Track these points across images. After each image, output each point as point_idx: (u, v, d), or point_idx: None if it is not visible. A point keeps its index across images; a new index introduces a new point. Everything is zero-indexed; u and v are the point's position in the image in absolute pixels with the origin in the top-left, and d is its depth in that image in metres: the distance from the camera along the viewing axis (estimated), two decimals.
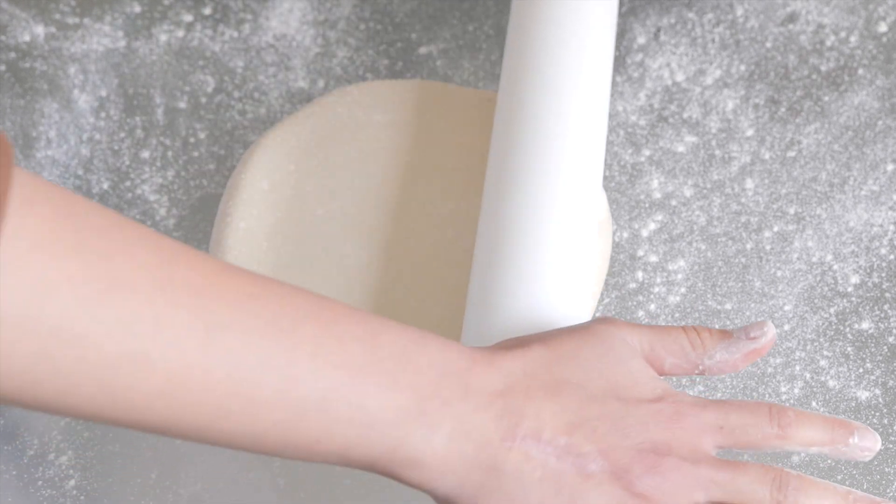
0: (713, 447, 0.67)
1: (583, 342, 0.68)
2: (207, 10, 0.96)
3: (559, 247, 0.75)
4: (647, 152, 0.88)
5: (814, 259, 0.84)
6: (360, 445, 0.63)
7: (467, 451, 0.64)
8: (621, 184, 0.87)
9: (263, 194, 0.86)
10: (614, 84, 0.91)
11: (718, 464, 0.66)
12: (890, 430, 0.78)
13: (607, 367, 0.68)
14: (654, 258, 0.85)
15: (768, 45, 0.92)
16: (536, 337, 0.69)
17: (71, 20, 0.95)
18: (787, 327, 0.82)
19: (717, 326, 0.82)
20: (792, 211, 0.86)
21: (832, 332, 0.82)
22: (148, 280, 0.59)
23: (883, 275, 0.83)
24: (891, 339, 0.81)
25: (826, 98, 0.90)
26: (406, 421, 0.63)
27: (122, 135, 0.91)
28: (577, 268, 0.76)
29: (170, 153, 0.91)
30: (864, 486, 0.77)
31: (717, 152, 0.88)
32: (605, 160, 0.88)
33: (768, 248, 0.85)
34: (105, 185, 0.89)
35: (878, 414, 0.79)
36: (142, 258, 0.59)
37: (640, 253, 0.85)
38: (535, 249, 0.75)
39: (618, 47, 0.92)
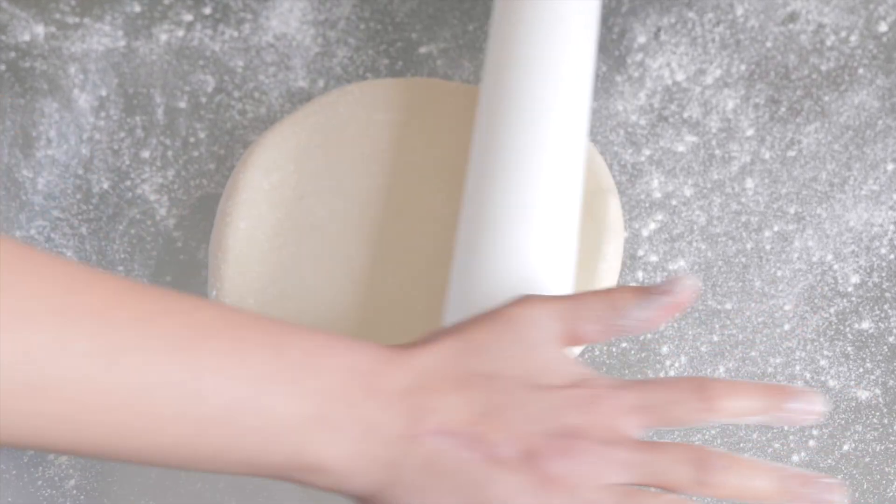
0: (637, 428, 0.66)
1: (495, 331, 0.68)
2: (207, 10, 0.96)
3: (540, 226, 0.75)
4: (647, 152, 0.88)
5: (814, 259, 0.84)
6: (266, 454, 0.64)
7: (374, 451, 0.64)
8: (621, 183, 0.87)
9: (263, 194, 0.86)
10: (614, 84, 0.91)
11: (637, 445, 0.66)
12: (890, 430, 0.79)
13: (520, 354, 0.67)
14: (654, 258, 0.85)
15: (768, 44, 0.92)
16: (450, 329, 0.69)
17: (71, 20, 0.95)
18: (787, 327, 0.82)
19: (717, 327, 0.82)
20: (792, 210, 0.86)
21: (832, 332, 0.82)
22: (47, 309, 0.61)
23: (883, 274, 0.83)
24: (891, 339, 0.81)
25: (826, 98, 0.90)
26: (310, 427, 0.64)
27: (123, 134, 0.91)
28: (558, 247, 0.75)
29: (170, 153, 0.91)
30: (865, 486, 0.77)
31: (718, 152, 0.88)
32: (605, 160, 0.88)
33: (768, 247, 0.85)
34: (105, 185, 0.89)
35: (878, 414, 0.79)
36: (42, 288, 0.61)
37: (641, 253, 0.85)
38: (516, 230, 0.75)
39: (618, 47, 0.92)
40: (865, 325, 0.82)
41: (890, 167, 0.87)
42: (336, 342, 0.66)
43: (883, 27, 0.92)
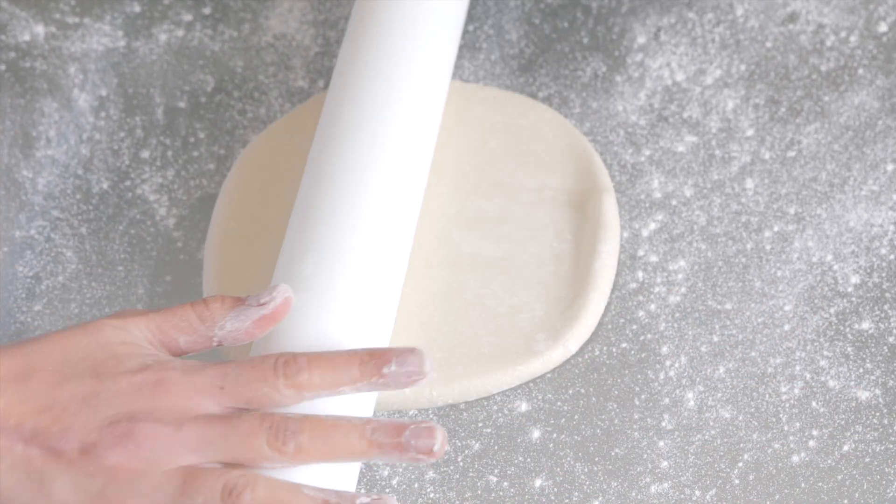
0: (219, 409, 0.65)
1: (73, 334, 0.68)
2: (207, 10, 0.96)
3: (361, 253, 0.74)
4: (647, 152, 0.88)
5: (814, 259, 0.84)
6: None
7: None
8: (621, 183, 0.87)
9: (257, 194, 0.86)
10: (614, 84, 0.91)
11: (209, 421, 0.65)
12: (890, 431, 0.78)
13: (90, 350, 0.67)
14: (654, 258, 0.85)
15: (768, 44, 0.92)
16: (37, 337, 0.68)
17: (71, 20, 0.95)
18: (787, 327, 0.82)
19: (717, 327, 0.82)
20: (792, 211, 0.86)
21: (832, 332, 0.82)
22: None
23: (883, 275, 0.83)
24: (891, 339, 0.81)
25: (826, 98, 0.90)
26: None
27: (122, 134, 0.91)
28: (376, 279, 0.74)
29: (170, 153, 0.91)
30: (865, 486, 0.77)
31: (718, 152, 0.88)
32: (606, 160, 0.88)
33: (768, 247, 0.85)
34: (105, 185, 0.89)
35: (878, 414, 0.79)
36: None
37: (641, 253, 0.85)
38: (336, 252, 0.74)
39: (618, 47, 0.92)
40: (865, 325, 0.82)
41: (890, 167, 0.87)
42: None
43: (883, 27, 0.92)
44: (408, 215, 0.78)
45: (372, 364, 0.67)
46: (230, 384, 0.66)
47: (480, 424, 0.79)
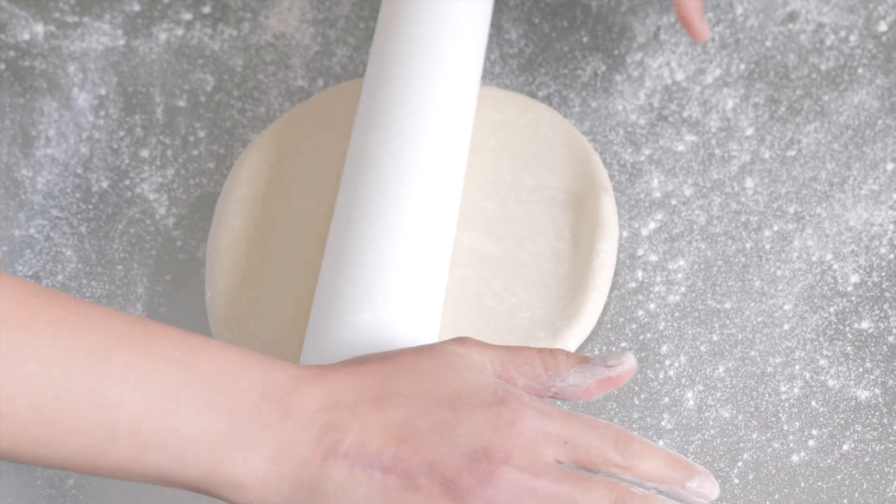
0: (554, 458, 0.65)
1: (422, 356, 0.68)
2: (207, 9, 0.96)
3: (408, 266, 0.75)
4: (646, 151, 0.88)
5: (813, 258, 0.84)
6: (176, 469, 0.64)
7: (288, 472, 0.64)
8: (621, 183, 0.87)
9: (259, 193, 0.85)
10: (614, 83, 0.91)
11: (560, 476, 0.65)
12: (889, 430, 0.78)
13: (443, 377, 0.67)
14: (653, 257, 0.85)
15: (768, 44, 0.92)
16: (376, 355, 0.68)
17: (70, 19, 0.95)
18: (786, 327, 0.82)
19: (716, 326, 0.82)
20: (792, 210, 0.86)
21: (832, 332, 0.82)
22: None
23: (883, 274, 0.83)
24: (890, 339, 0.81)
25: (826, 97, 0.90)
26: (223, 444, 0.64)
27: (122, 133, 0.91)
28: (425, 290, 0.75)
29: (169, 152, 0.90)
30: (864, 486, 0.77)
31: (717, 151, 0.88)
32: (605, 159, 0.88)
33: (768, 247, 0.85)
34: (104, 184, 0.89)
35: (877, 414, 0.79)
36: None
37: (640, 252, 0.85)
38: (383, 268, 0.75)
39: (617, 47, 0.92)
40: (865, 324, 0.82)
41: (889, 167, 0.87)
42: (254, 361, 0.66)
43: (882, 27, 0.92)
44: (448, 224, 0.78)
45: (682, 474, 0.68)
46: (574, 441, 0.66)
47: None
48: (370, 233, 0.76)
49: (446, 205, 0.78)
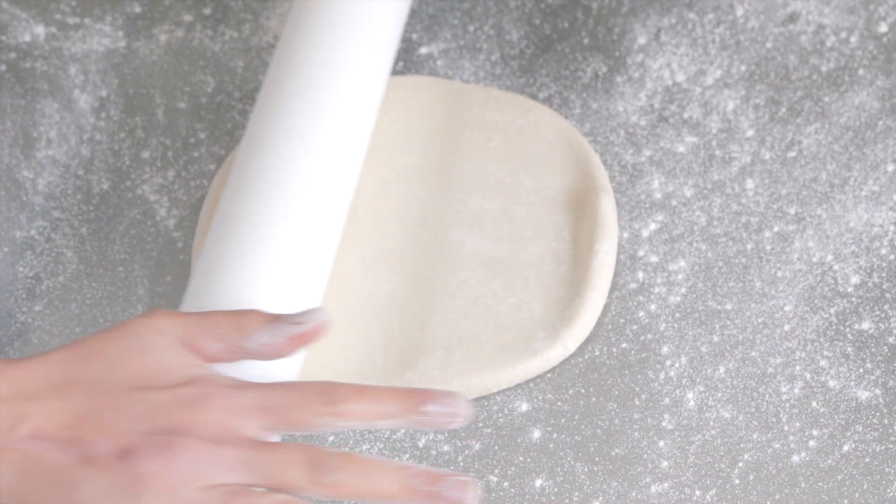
0: (258, 430, 0.65)
1: (110, 338, 0.67)
2: (208, 11, 0.96)
3: (289, 241, 0.75)
4: (647, 152, 0.88)
5: (814, 259, 0.84)
6: None
7: None
8: (622, 184, 0.87)
9: None
10: (614, 84, 0.91)
11: (249, 444, 0.64)
12: (890, 431, 0.78)
13: (131, 359, 0.66)
14: (654, 258, 0.85)
15: (769, 45, 0.92)
16: (72, 342, 0.68)
17: (71, 20, 0.95)
18: (787, 327, 0.82)
19: (717, 327, 0.82)
20: (792, 211, 0.86)
21: (832, 333, 0.82)
22: None
23: (883, 275, 0.83)
24: (891, 340, 0.81)
25: (826, 98, 0.90)
26: None
27: (123, 135, 0.91)
28: (306, 261, 0.75)
29: (170, 153, 0.91)
30: (864, 486, 0.77)
31: (718, 152, 0.88)
32: (606, 161, 0.88)
33: (768, 248, 0.85)
34: (105, 186, 0.89)
35: (878, 414, 0.79)
36: None
37: (641, 253, 0.85)
38: (262, 241, 0.75)
39: (618, 48, 0.92)
40: (865, 325, 0.82)
41: (890, 168, 0.87)
42: None
43: (883, 28, 0.92)
44: (336, 204, 0.78)
45: (412, 401, 0.67)
46: (272, 406, 0.66)
47: (481, 424, 0.79)
48: (249, 214, 0.76)
49: (333, 192, 0.78)
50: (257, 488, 0.65)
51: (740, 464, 0.78)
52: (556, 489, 0.77)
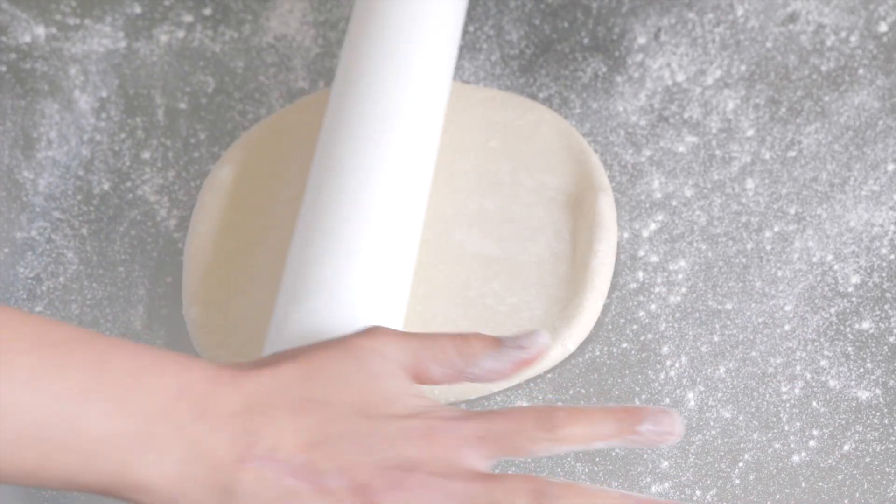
0: (480, 459, 0.65)
1: (337, 358, 0.67)
2: (208, 11, 0.96)
3: (370, 259, 0.75)
4: (647, 152, 0.88)
5: (814, 259, 0.84)
6: (86, 472, 0.63)
7: (200, 474, 0.63)
8: (622, 184, 0.87)
9: (235, 198, 0.86)
10: (614, 84, 0.91)
11: (475, 477, 0.64)
12: (890, 431, 0.78)
13: (358, 383, 0.66)
14: (654, 258, 0.85)
15: (769, 45, 0.92)
16: (290, 353, 0.68)
17: (71, 21, 0.96)
18: (787, 327, 0.82)
19: (717, 327, 0.82)
20: (792, 211, 0.86)
21: (833, 332, 0.82)
22: None
23: (883, 275, 0.83)
24: (891, 339, 0.81)
25: (826, 98, 0.90)
26: (133, 446, 0.63)
27: (123, 135, 0.91)
28: (386, 283, 0.75)
29: (170, 154, 0.91)
30: (865, 486, 0.77)
31: (718, 152, 0.88)
32: (606, 160, 0.88)
33: (769, 248, 0.85)
34: (106, 186, 0.89)
35: (878, 414, 0.79)
36: None
37: (641, 253, 0.85)
38: (347, 256, 0.75)
39: (618, 48, 0.92)
40: (866, 325, 0.82)
41: (890, 167, 0.87)
42: (168, 361, 0.65)
43: (883, 27, 0.92)
44: (414, 216, 0.78)
45: (628, 422, 0.66)
46: (492, 435, 0.66)
47: None
48: (333, 229, 0.76)
49: (411, 205, 0.78)
50: None
51: (741, 464, 0.78)
52: None
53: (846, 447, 0.78)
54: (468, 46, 0.93)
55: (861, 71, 0.90)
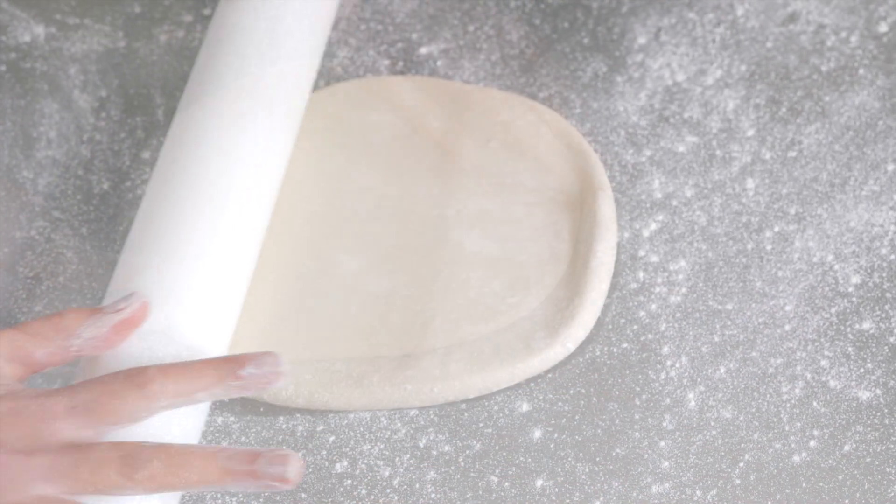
0: (77, 430, 0.64)
1: None
2: (207, 11, 0.96)
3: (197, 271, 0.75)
4: (647, 152, 0.88)
5: (814, 259, 0.84)
6: None
7: None
8: (622, 184, 0.87)
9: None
10: (615, 84, 0.91)
11: (63, 449, 0.63)
12: (891, 431, 0.78)
13: None
14: (654, 258, 0.85)
15: (769, 45, 0.92)
16: None
17: (71, 20, 0.95)
18: (787, 327, 0.82)
19: (718, 327, 0.82)
20: (793, 211, 0.86)
21: (833, 333, 0.82)
22: None
23: (884, 275, 0.83)
24: (892, 340, 0.81)
25: (827, 98, 0.90)
26: None
27: (123, 135, 0.91)
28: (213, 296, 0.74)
29: None
30: (865, 486, 0.77)
31: (718, 152, 0.88)
32: (606, 160, 0.88)
33: (769, 248, 0.85)
34: (105, 186, 0.89)
35: (878, 414, 0.79)
36: None
37: (641, 253, 0.85)
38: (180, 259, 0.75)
39: (618, 47, 0.92)
40: (866, 325, 0.82)
41: (890, 167, 0.87)
42: None
43: (883, 27, 0.92)
44: (251, 222, 0.78)
45: (227, 367, 0.66)
46: (81, 403, 0.65)
47: (481, 424, 0.79)
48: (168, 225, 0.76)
49: (248, 210, 0.78)
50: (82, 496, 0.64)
51: (741, 464, 0.78)
52: (556, 489, 0.77)
53: (847, 447, 0.78)
54: (468, 46, 0.93)
55: (861, 71, 0.90)
